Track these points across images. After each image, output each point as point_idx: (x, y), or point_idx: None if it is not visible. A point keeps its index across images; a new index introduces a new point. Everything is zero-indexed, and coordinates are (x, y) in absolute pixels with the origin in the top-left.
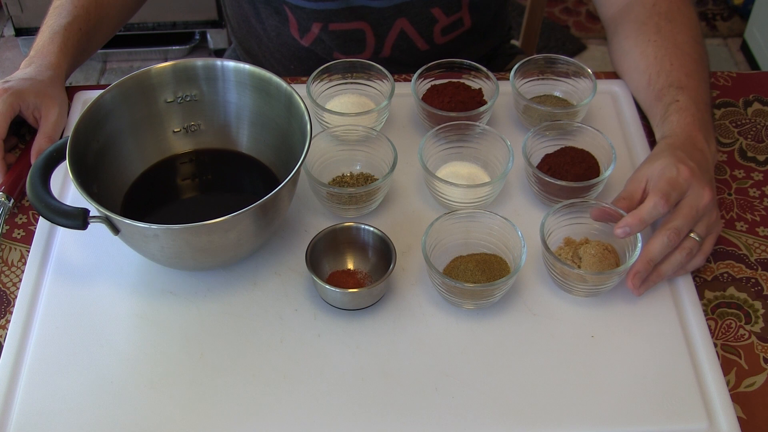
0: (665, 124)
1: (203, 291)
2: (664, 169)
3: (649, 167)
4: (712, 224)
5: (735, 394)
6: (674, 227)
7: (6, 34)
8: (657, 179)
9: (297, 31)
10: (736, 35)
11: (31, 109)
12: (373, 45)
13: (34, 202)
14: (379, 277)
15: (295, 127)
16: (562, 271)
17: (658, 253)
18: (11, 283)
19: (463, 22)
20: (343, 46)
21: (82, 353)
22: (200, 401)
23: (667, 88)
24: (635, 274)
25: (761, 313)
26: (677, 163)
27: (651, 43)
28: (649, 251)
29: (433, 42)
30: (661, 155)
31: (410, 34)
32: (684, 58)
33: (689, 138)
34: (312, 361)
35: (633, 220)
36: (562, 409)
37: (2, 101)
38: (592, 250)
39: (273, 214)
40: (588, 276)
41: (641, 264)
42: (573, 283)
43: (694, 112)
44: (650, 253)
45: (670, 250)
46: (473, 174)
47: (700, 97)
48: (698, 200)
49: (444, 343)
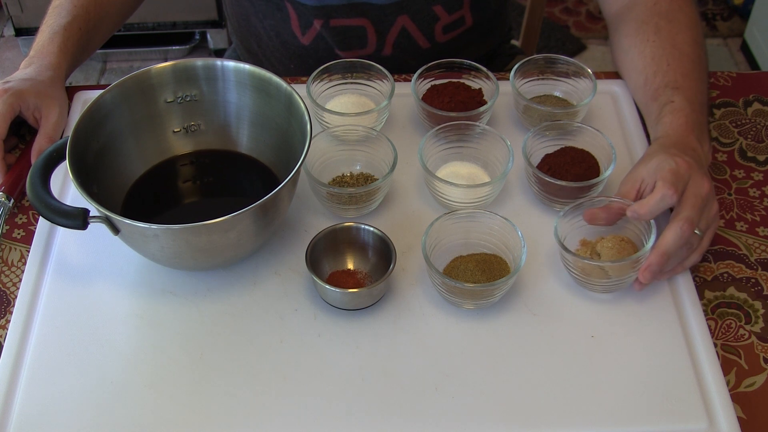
0: (659, 125)
1: (203, 291)
2: (661, 163)
3: (644, 167)
4: (711, 218)
5: (735, 394)
6: (686, 218)
7: (6, 34)
8: (656, 173)
9: (298, 28)
10: (736, 35)
11: (32, 109)
12: (374, 42)
13: (34, 202)
14: (379, 277)
15: (295, 127)
16: (583, 268)
17: (672, 245)
18: (11, 283)
19: (465, 21)
20: (344, 43)
21: (82, 353)
22: (200, 401)
23: (663, 88)
24: (647, 268)
25: (761, 313)
26: (673, 157)
27: (649, 43)
28: (663, 244)
29: (434, 40)
30: (654, 155)
31: (411, 31)
32: (682, 58)
33: (682, 139)
34: (312, 361)
35: (641, 210)
36: (562, 409)
37: (2, 101)
38: (608, 244)
39: (273, 214)
40: (609, 268)
41: (655, 257)
42: (595, 280)
43: (688, 113)
44: (664, 246)
45: (684, 241)
46: (473, 174)
47: (695, 97)
48: (700, 189)
49: (444, 343)
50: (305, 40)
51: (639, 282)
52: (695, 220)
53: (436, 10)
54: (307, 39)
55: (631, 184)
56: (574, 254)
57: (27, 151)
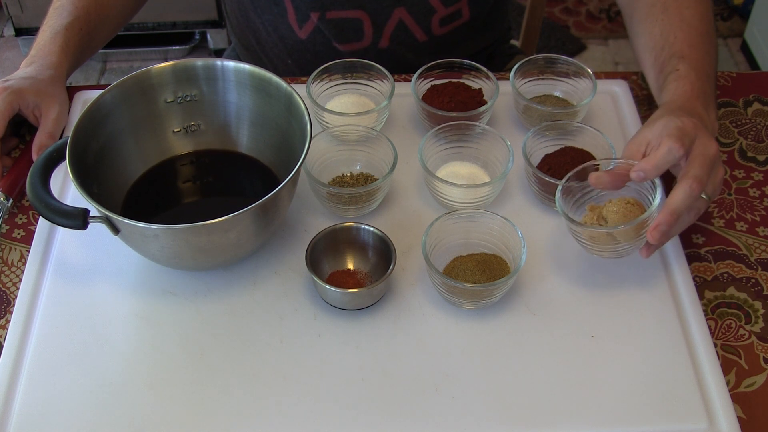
0: (663, 92)
1: (203, 291)
2: (667, 123)
3: (648, 130)
4: (717, 184)
5: (735, 394)
6: (695, 176)
7: (6, 34)
8: (662, 133)
9: (295, 22)
10: (736, 35)
11: (31, 107)
12: (371, 35)
13: (34, 202)
14: (379, 277)
15: (295, 127)
16: (591, 236)
17: (681, 203)
18: (11, 283)
19: (462, 14)
20: (340, 36)
21: (82, 353)
22: (200, 401)
23: (669, 59)
24: (656, 227)
25: (761, 313)
26: (679, 117)
27: (658, 22)
28: (672, 203)
29: (431, 33)
30: (659, 118)
31: (408, 24)
32: (689, 30)
33: (687, 103)
34: (312, 361)
35: (647, 165)
36: (562, 409)
37: (1, 99)
38: (614, 207)
39: (273, 214)
40: (617, 234)
41: (664, 216)
42: (605, 246)
43: (693, 80)
44: (673, 204)
45: (693, 200)
46: (473, 174)
47: (702, 67)
48: (708, 149)
49: (444, 343)
50: (302, 34)
51: (647, 247)
52: (704, 180)
53: (433, 3)
54: (304, 32)
55: (635, 147)
56: (577, 222)
57: (27, 151)
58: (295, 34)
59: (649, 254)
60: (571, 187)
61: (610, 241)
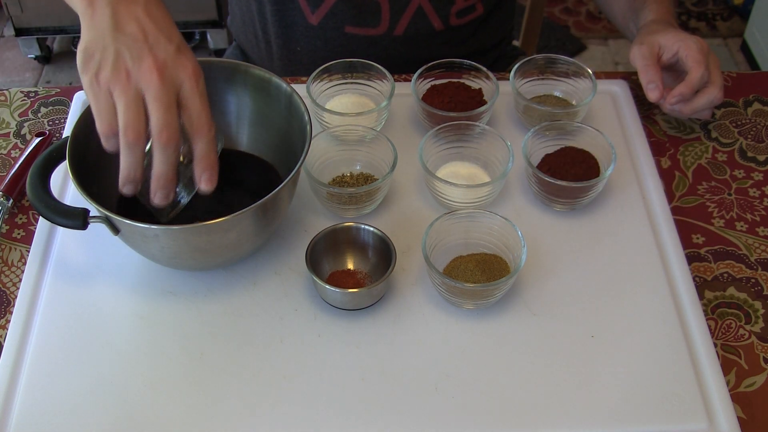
0: (644, 11)
1: (203, 291)
2: (680, 35)
3: (661, 36)
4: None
5: (735, 394)
6: (720, 86)
7: (6, 34)
8: (677, 43)
9: (307, 7)
10: (736, 35)
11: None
12: (387, 20)
13: (34, 202)
14: (379, 277)
15: (295, 127)
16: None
17: (698, 81)
18: (11, 283)
19: (476, 8)
20: (357, 18)
21: (82, 353)
22: (200, 401)
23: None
24: (678, 95)
25: (761, 313)
26: (686, 34)
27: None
28: (691, 80)
29: (448, 23)
30: (663, 30)
31: (428, 11)
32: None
33: (673, 20)
34: (312, 361)
35: (685, 89)
36: (562, 409)
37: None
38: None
39: (273, 214)
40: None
41: (685, 87)
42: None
43: (668, 6)
44: (692, 81)
45: (705, 79)
46: (473, 174)
47: (669, 4)
48: (716, 58)
49: (444, 343)
50: (314, 19)
51: (671, 105)
52: (722, 84)
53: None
54: (316, 18)
55: (651, 48)
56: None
57: (27, 152)
58: (306, 19)
59: (671, 107)
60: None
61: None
